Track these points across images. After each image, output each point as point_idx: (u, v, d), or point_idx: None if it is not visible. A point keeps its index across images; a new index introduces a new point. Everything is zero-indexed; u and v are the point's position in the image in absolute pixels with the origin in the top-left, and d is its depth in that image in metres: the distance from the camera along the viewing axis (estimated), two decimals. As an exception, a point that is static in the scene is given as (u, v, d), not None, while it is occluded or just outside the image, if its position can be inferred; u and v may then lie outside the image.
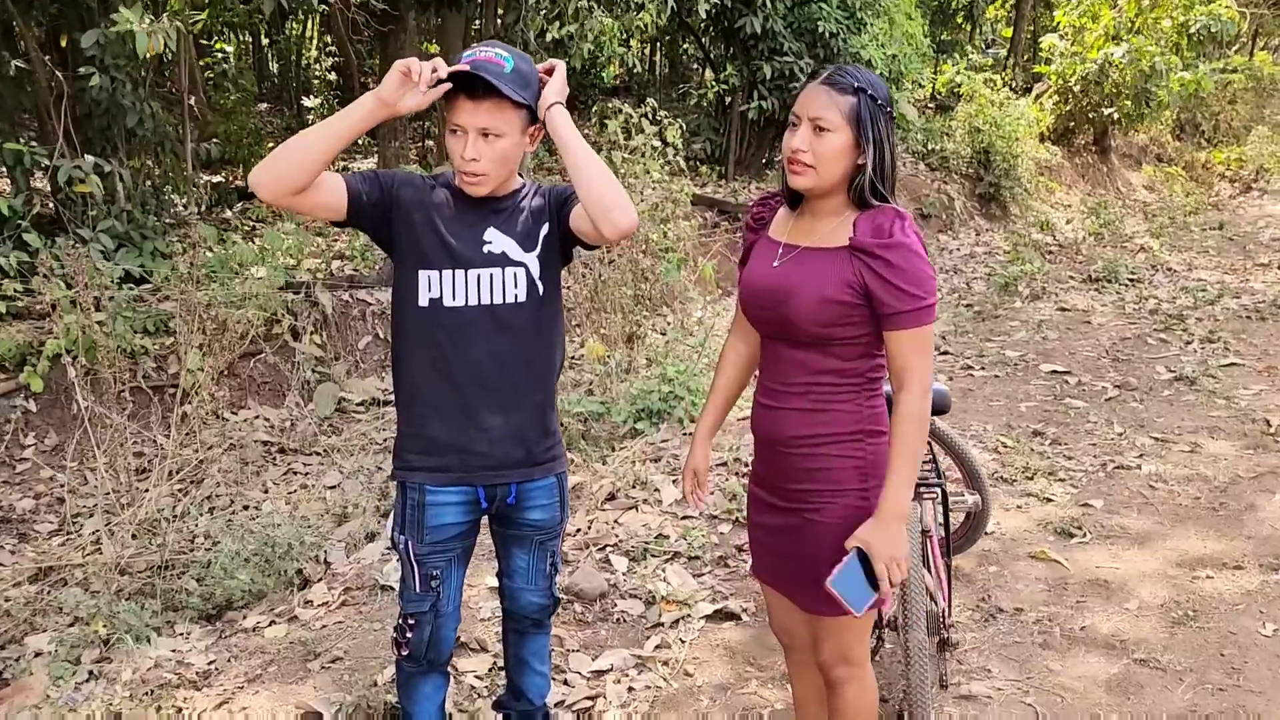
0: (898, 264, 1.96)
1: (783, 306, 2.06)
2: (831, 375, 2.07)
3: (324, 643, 3.28)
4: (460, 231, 2.23)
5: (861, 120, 1.99)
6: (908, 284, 1.96)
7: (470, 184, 2.19)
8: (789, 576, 2.22)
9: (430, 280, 2.21)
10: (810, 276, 2.04)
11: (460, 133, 2.14)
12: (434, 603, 2.37)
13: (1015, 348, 6.98)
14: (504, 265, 2.25)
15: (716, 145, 10.85)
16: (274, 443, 6.02)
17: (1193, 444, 5.05)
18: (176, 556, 4.57)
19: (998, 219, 12.06)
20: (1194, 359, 6.57)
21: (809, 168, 2.02)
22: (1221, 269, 9.62)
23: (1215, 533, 4.08)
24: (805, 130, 2.02)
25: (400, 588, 2.41)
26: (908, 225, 2.00)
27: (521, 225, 2.28)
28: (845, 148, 2.01)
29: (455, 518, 2.33)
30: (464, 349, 2.24)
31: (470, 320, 2.23)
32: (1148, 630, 3.36)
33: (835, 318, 2.01)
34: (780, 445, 2.14)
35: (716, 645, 3.32)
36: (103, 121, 6.53)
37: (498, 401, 2.28)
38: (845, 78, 2.01)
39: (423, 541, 2.31)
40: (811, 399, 2.09)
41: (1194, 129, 18.28)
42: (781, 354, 2.13)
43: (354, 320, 6.94)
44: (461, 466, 2.29)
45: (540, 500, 2.40)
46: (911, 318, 1.97)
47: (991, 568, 3.82)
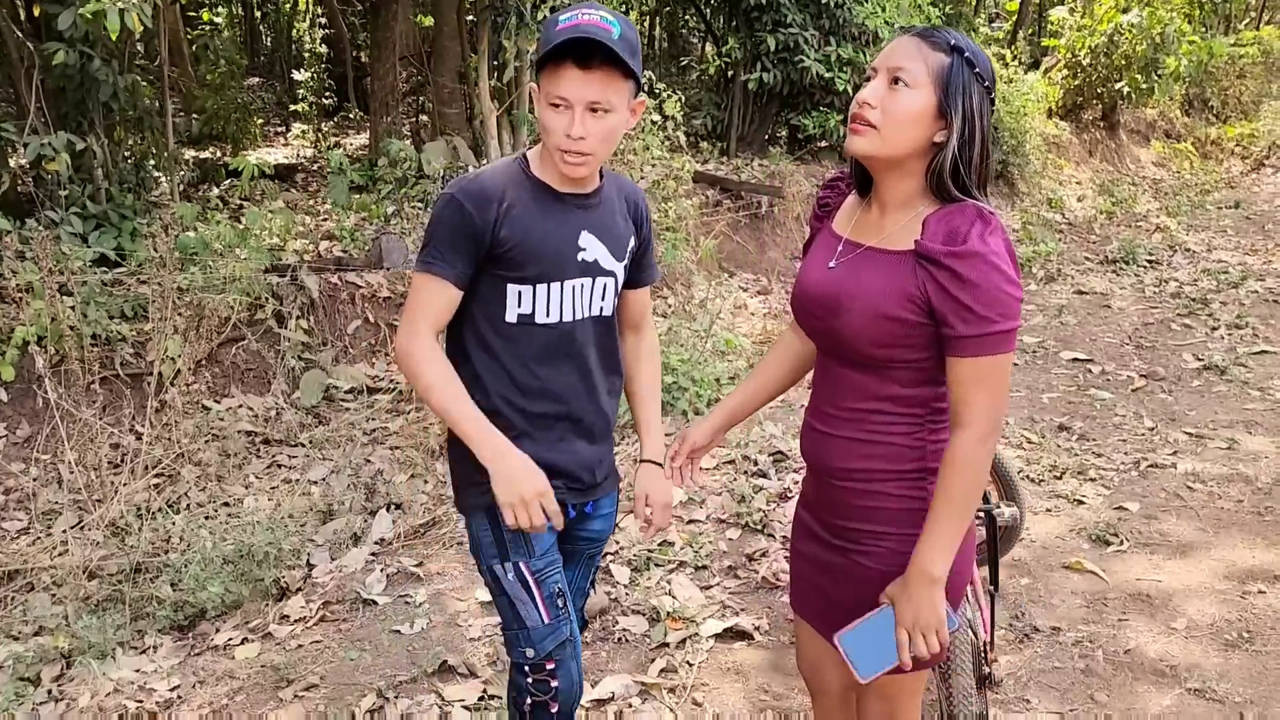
0: (967, 277, 1.58)
1: (833, 319, 1.72)
2: (889, 402, 1.73)
3: (298, 667, 2.99)
4: (553, 233, 1.95)
5: (951, 84, 1.63)
6: (976, 303, 1.58)
7: (573, 165, 1.90)
8: (827, 618, 1.89)
9: (520, 295, 1.95)
10: (867, 286, 1.69)
11: (564, 107, 1.85)
12: (570, 627, 2.04)
13: (1033, 333, 6.69)
14: (595, 275, 2.01)
15: (718, 120, 10.50)
16: (258, 433, 5.73)
17: (1230, 440, 4.76)
18: (150, 559, 4.29)
19: (1006, 196, 11.72)
20: (1222, 346, 6.27)
21: (872, 128, 1.65)
22: (1242, 250, 9.31)
23: (1263, 541, 3.79)
24: (880, 82, 1.66)
25: (516, 638, 2.01)
26: (991, 229, 1.61)
27: (613, 230, 2.04)
28: (923, 113, 1.64)
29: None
30: (554, 371, 1.99)
31: (563, 338, 1.99)
32: (1199, 654, 3.08)
33: (893, 338, 1.67)
34: (828, 475, 1.82)
35: (727, 669, 3.04)
36: (76, 96, 6.20)
37: (585, 426, 2.06)
38: (943, 34, 1.66)
39: (535, 554, 2.00)
40: (866, 428, 1.76)
41: (1203, 104, 17.90)
42: (833, 372, 1.80)
43: (343, 304, 6.63)
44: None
45: (604, 510, 2.19)
46: (976, 344, 1.60)
47: (1024, 580, 3.54)
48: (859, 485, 1.77)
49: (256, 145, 10.84)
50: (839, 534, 1.83)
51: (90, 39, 5.82)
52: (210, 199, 7.74)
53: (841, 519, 1.81)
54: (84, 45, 5.81)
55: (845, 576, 1.82)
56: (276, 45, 14.44)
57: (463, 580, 3.51)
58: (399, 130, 9.72)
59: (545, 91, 1.86)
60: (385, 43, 9.52)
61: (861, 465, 1.76)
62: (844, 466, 1.79)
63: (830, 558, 1.85)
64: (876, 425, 1.75)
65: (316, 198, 8.69)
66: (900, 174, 1.70)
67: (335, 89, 12.56)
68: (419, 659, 3.03)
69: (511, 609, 2.01)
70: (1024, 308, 7.41)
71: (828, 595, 1.88)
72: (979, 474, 1.65)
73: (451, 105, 9.29)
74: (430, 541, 3.90)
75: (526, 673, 2.02)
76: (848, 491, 1.79)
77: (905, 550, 1.73)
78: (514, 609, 2.00)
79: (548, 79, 1.85)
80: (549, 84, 1.85)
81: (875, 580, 1.77)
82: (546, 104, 1.86)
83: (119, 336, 5.44)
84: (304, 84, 12.04)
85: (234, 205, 7.60)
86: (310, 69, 12.24)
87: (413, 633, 3.18)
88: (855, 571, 1.80)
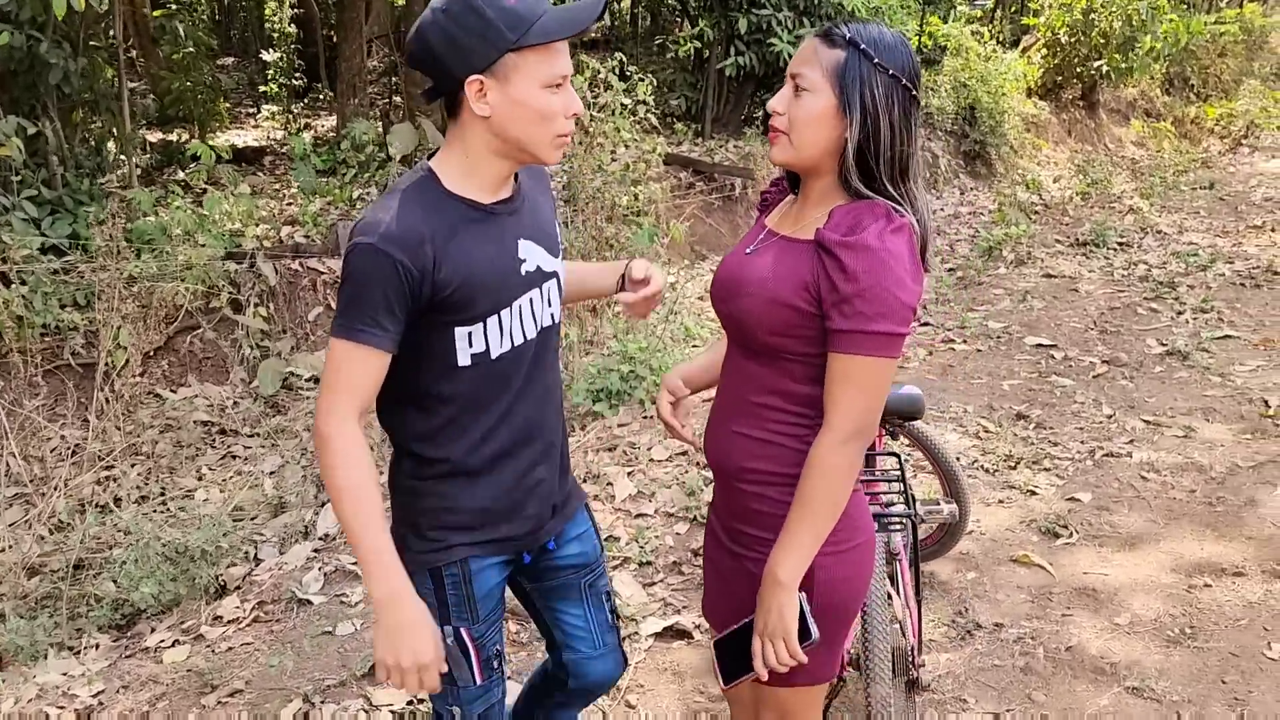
0: (851, 269, 1.52)
1: (734, 301, 1.68)
2: (779, 398, 1.67)
3: (225, 671, 2.94)
4: (493, 257, 1.71)
5: (845, 81, 1.58)
6: (857, 297, 1.52)
7: (565, 145, 1.70)
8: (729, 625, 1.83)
9: (470, 335, 1.71)
10: (769, 271, 1.65)
11: (563, 86, 1.66)
12: (501, 686, 1.91)
13: (999, 318, 6.64)
14: (540, 283, 1.81)
15: (693, 102, 10.40)
16: (214, 423, 5.67)
17: (1186, 428, 4.72)
18: (93, 555, 4.23)
19: (983, 177, 11.68)
20: (1186, 331, 6.24)
21: (780, 134, 1.64)
22: (1213, 231, 9.27)
23: (1213, 532, 3.76)
24: (786, 89, 1.64)
25: (445, 696, 1.86)
26: (895, 228, 1.56)
27: (543, 225, 1.84)
28: (824, 115, 1.60)
29: (499, 576, 1.89)
30: (512, 400, 1.79)
31: (519, 363, 1.79)
32: (1140, 651, 3.05)
33: (786, 325, 1.61)
34: (729, 475, 1.76)
35: (664, 669, 3.00)
36: (27, 79, 6.07)
37: (541, 449, 1.87)
38: (841, 30, 1.61)
39: (478, 620, 1.83)
40: (761, 425, 1.70)
41: (1183, 83, 17.84)
42: (736, 362, 1.75)
43: (303, 290, 6.54)
44: (512, 536, 1.86)
45: (574, 533, 1.98)
46: (851, 340, 1.54)
47: (970, 574, 3.51)
48: (753, 488, 1.72)
49: (225, 127, 10.68)
50: (735, 538, 1.78)
51: (38, 21, 5.70)
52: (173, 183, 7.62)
53: (738, 522, 1.76)
54: (32, 28, 5.69)
55: (739, 580, 1.77)
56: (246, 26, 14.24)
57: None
58: (368, 112, 9.59)
59: (537, 76, 1.62)
60: (352, 23, 9.39)
61: (756, 465, 1.71)
62: (734, 464, 1.73)
63: (728, 563, 1.80)
64: (770, 423, 1.69)
65: (284, 181, 8.58)
66: (817, 173, 1.67)
67: (305, 70, 12.41)
68: (349, 661, 2.98)
69: (449, 667, 1.83)
70: (991, 291, 7.37)
71: (729, 603, 1.83)
72: (838, 478, 1.59)
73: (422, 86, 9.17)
74: (372, 538, 3.84)
75: None
76: (744, 494, 1.73)
77: None
78: (450, 668, 1.82)
79: (540, 60, 1.62)
80: (545, 65, 1.62)
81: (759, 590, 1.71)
82: (541, 88, 1.63)
83: (70, 326, 5.35)
84: (274, 65, 11.87)
85: (198, 189, 7.49)
86: (280, 49, 12.07)
87: (345, 634, 3.13)
88: (745, 580, 1.74)
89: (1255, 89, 17.21)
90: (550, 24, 1.60)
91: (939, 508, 2.88)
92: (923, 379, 5.48)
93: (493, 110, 1.63)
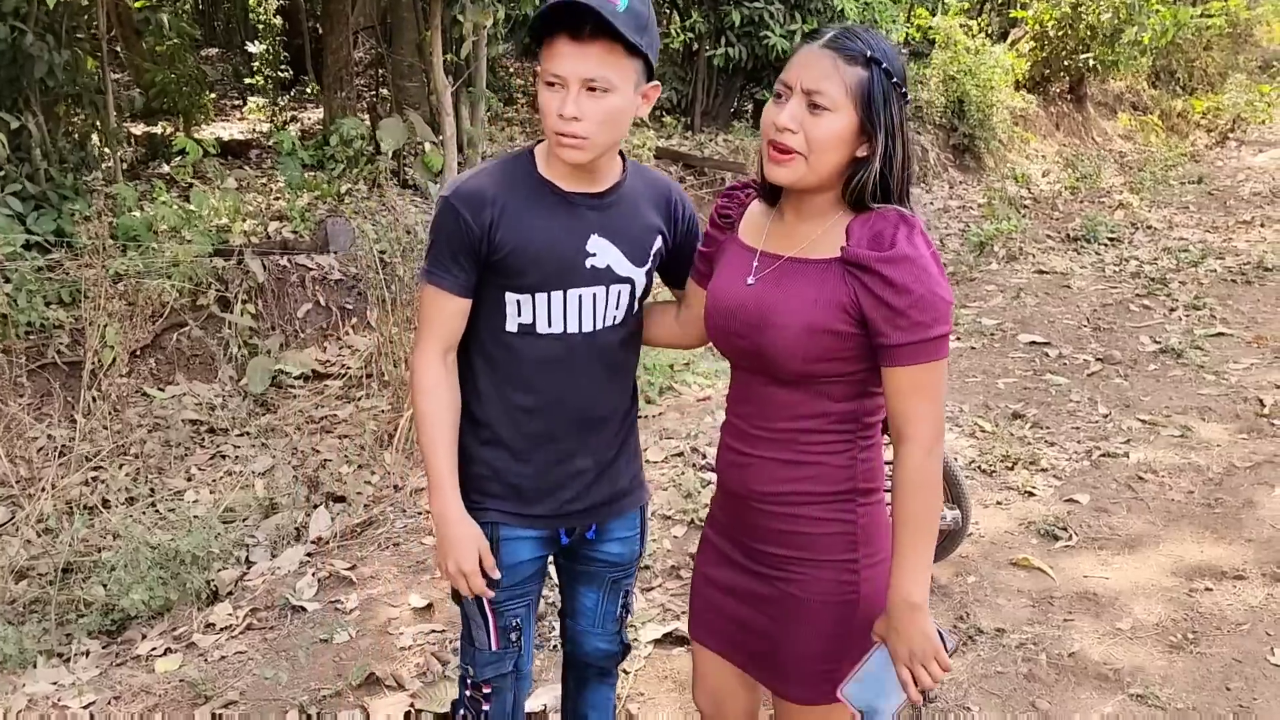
0: (899, 282, 1.51)
1: (760, 336, 1.63)
2: (820, 420, 1.64)
3: (219, 681, 2.89)
4: (557, 239, 1.79)
5: (873, 101, 1.54)
6: (911, 308, 1.51)
7: (568, 148, 1.71)
8: (759, 655, 1.80)
9: (520, 304, 1.80)
10: (794, 299, 1.60)
11: (559, 85, 1.69)
12: (516, 661, 1.98)
13: (992, 315, 6.63)
14: (608, 283, 1.83)
15: (682, 95, 10.34)
16: (203, 422, 5.60)
17: (1183, 428, 4.72)
18: (81, 558, 4.17)
19: (972, 171, 11.66)
20: (1179, 328, 6.24)
21: (797, 155, 1.57)
22: (1203, 227, 9.28)
23: (1212, 534, 3.75)
24: (797, 105, 1.56)
25: (465, 651, 2.00)
26: (916, 234, 1.55)
27: (632, 231, 1.85)
28: (847, 135, 1.56)
29: (533, 553, 1.95)
30: (558, 385, 1.85)
31: (567, 351, 1.84)
32: (1144, 657, 3.04)
33: (826, 351, 1.58)
34: (750, 500, 1.72)
35: (665, 677, 2.97)
36: (10, 73, 5.98)
37: (591, 443, 1.91)
38: (856, 43, 1.56)
39: (500, 587, 1.91)
40: (795, 449, 1.67)
41: (1170, 76, 17.89)
42: (757, 391, 1.69)
43: (292, 287, 6.47)
44: (543, 514, 1.93)
45: (620, 533, 2.04)
46: (914, 352, 1.53)
47: (970, 578, 3.49)
48: (785, 510, 1.69)
49: (210, 119, 10.56)
50: (764, 561, 1.73)
51: (21, 13, 5.61)
52: (158, 177, 7.53)
53: (767, 544, 1.72)
54: (15, 20, 5.59)
55: (772, 607, 1.73)
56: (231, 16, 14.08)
57: (397, 585, 3.42)
58: (355, 105, 9.50)
59: (542, 70, 1.71)
60: (338, 15, 9.28)
61: (790, 488, 1.67)
62: (771, 491, 1.69)
63: (752, 586, 1.76)
64: (807, 445, 1.66)
65: (270, 175, 8.48)
66: (819, 191, 1.63)
67: (291, 62, 12.28)
68: (345, 671, 2.93)
69: (467, 624, 1.98)
70: (984, 287, 7.36)
71: (746, 625, 1.79)
72: (935, 487, 1.60)
73: (411, 79, 9.09)
74: (366, 542, 3.80)
75: (466, 685, 2.01)
76: (773, 516, 1.70)
77: (839, 578, 1.68)
78: (469, 625, 1.97)
79: (544, 55, 1.70)
80: (544, 60, 1.70)
81: (809, 613, 1.70)
82: (543, 83, 1.71)
83: (55, 324, 5.28)
84: (259, 57, 11.74)
85: (183, 184, 7.39)
86: (265, 41, 11.94)
87: (341, 642, 3.09)
88: (785, 603, 1.71)
89: (1241, 82, 17.26)
90: (537, 17, 1.66)
91: (943, 514, 2.85)
92: (917, 377, 5.45)
93: None
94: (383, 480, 4.51)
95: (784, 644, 1.73)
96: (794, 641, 1.72)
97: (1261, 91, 16.29)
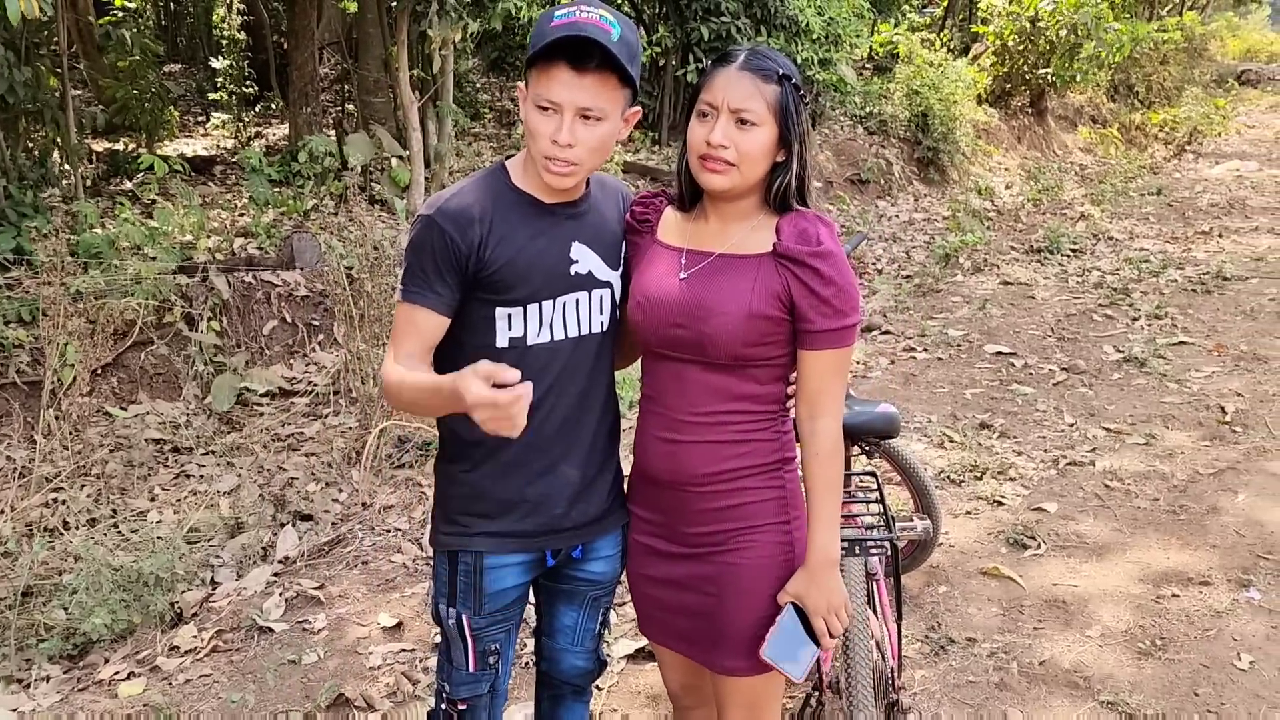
0: (827, 274, 1.72)
1: (703, 325, 1.77)
2: (749, 401, 1.82)
3: (183, 705, 2.84)
4: (544, 250, 1.83)
5: (788, 113, 1.75)
6: (835, 297, 1.72)
7: (558, 175, 1.77)
8: (698, 635, 1.90)
9: (511, 318, 1.82)
10: (731, 289, 1.77)
11: (553, 111, 1.72)
12: (493, 682, 2.00)
13: (958, 326, 6.68)
14: (590, 288, 1.88)
15: (650, 110, 10.39)
16: (167, 441, 5.52)
17: (1148, 435, 4.77)
18: (42, 581, 4.09)
19: (936, 184, 11.78)
20: (1141, 337, 6.31)
21: (731, 166, 1.74)
22: (1163, 238, 9.42)
23: (1178, 541, 3.79)
24: (726, 123, 1.74)
25: (442, 667, 2.01)
26: (833, 232, 1.77)
27: (606, 236, 1.92)
28: (770, 145, 1.76)
29: (517, 579, 1.95)
30: (548, 394, 1.85)
31: (556, 358, 1.86)
32: (1113, 664, 3.06)
33: (762, 336, 1.76)
34: (688, 485, 1.84)
35: (638, 692, 2.95)
36: (-32, 89, 5.89)
37: (578, 452, 1.93)
38: (769, 63, 1.76)
39: (481, 613, 1.92)
40: (730, 430, 1.82)
41: (1128, 90, 18.18)
42: (690, 379, 1.82)
43: (257, 304, 6.41)
44: (532, 531, 1.92)
45: (605, 551, 2.03)
46: (836, 337, 1.74)
47: (941, 588, 3.50)
48: (724, 487, 1.82)
49: (174, 136, 10.46)
50: (702, 542, 1.86)
51: (-21, 30, 5.54)
52: (121, 194, 7.44)
53: (704, 526, 1.85)
54: (-26, 37, 5.52)
55: (713, 584, 1.84)
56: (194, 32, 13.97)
57: (366, 604, 3.38)
58: (321, 121, 9.45)
59: (533, 93, 1.74)
60: (304, 30, 9.24)
61: (728, 466, 1.82)
62: (708, 471, 1.82)
63: (691, 570, 1.88)
64: (739, 425, 1.82)
65: (235, 191, 8.41)
66: (745, 195, 1.81)
67: (256, 78, 12.19)
68: (314, 692, 2.89)
69: (446, 644, 1.99)
70: (949, 299, 7.42)
71: (686, 610, 1.90)
72: (842, 454, 1.80)
73: (377, 94, 9.06)
74: (335, 561, 3.75)
75: (442, 699, 2.01)
76: (710, 495, 1.83)
77: (776, 539, 1.84)
78: (448, 644, 1.98)
79: (537, 79, 1.73)
80: (538, 85, 1.73)
81: (752, 576, 1.83)
82: (534, 106, 1.74)
83: (14, 343, 5.19)
84: (223, 72, 11.65)
85: (146, 200, 7.31)
86: (230, 56, 11.84)
87: (309, 663, 3.05)
88: (727, 574, 1.84)
89: (1197, 95, 17.59)
90: (544, 46, 1.69)
91: (913, 525, 2.86)
92: (886, 389, 5.49)
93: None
94: (351, 498, 4.46)
95: (725, 616, 1.85)
96: (737, 610, 1.84)
97: (1217, 105, 16.60)
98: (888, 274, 8.14)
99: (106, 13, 10.55)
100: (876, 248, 8.89)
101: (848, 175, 10.64)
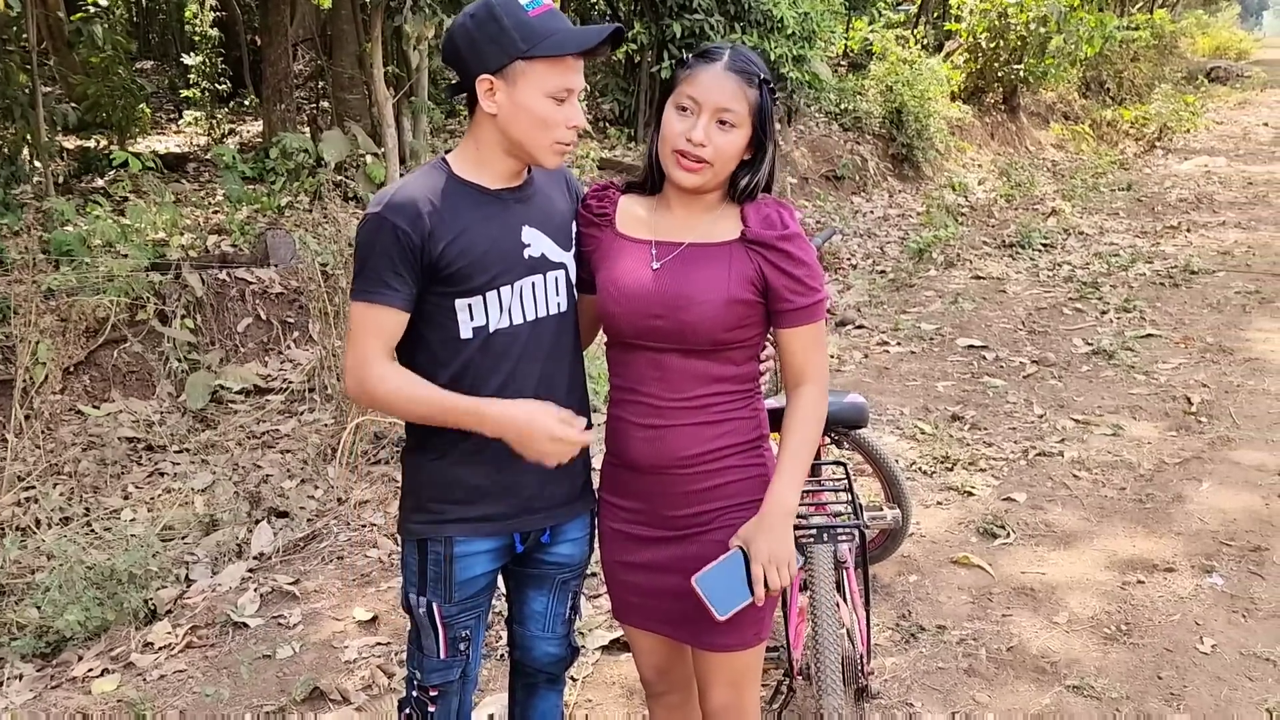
0: (798, 256, 1.83)
1: (683, 313, 1.82)
2: (727, 383, 1.89)
3: (158, 700, 2.85)
4: (495, 236, 1.86)
5: (765, 116, 1.83)
6: (806, 276, 1.83)
7: (563, 153, 1.86)
8: (683, 615, 1.92)
9: (471, 308, 1.85)
10: (708, 277, 1.83)
11: (568, 99, 1.82)
12: (463, 668, 2.03)
13: (931, 320, 6.75)
14: (545, 270, 1.92)
15: (625, 106, 10.40)
16: (140, 439, 5.49)
17: (1115, 426, 4.84)
18: (14, 580, 4.07)
19: (910, 180, 11.86)
20: (1110, 330, 6.40)
21: (705, 164, 1.80)
22: (1132, 232, 9.53)
23: (1143, 529, 3.86)
24: (707, 121, 1.79)
25: (413, 655, 2.03)
26: (795, 215, 1.87)
27: (555, 218, 1.96)
28: (744, 145, 1.83)
29: (486, 566, 1.98)
30: (512, 378, 1.88)
31: (516, 342, 1.89)
32: (1079, 649, 3.11)
33: (740, 319, 1.84)
34: (670, 469, 1.88)
35: (613, 683, 2.98)
36: (-64, 86, 5.85)
37: None
38: (751, 66, 1.82)
39: (452, 601, 1.95)
40: (712, 411, 1.88)
41: (1099, 87, 18.36)
42: (669, 366, 1.86)
43: (232, 301, 6.39)
44: (505, 513, 1.95)
45: (573, 534, 2.07)
46: (811, 312, 1.85)
47: (912, 577, 3.55)
48: (707, 467, 1.87)
49: (146, 133, 10.39)
50: (685, 524, 1.90)
51: (-54, 26, 5.49)
52: (93, 191, 7.39)
53: (687, 508, 1.89)
54: (-60, 33, 5.47)
55: (698, 562, 1.85)
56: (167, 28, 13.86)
57: (341, 598, 3.39)
58: (295, 118, 9.41)
59: (542, 85, 1.78)
60: (277, 27, 9.19)
61: (710, 446, 1.87)
62: (691, 454, 1.87)
63: (673, 552, 1.91)
64: (720, 406, 1.88)
65: (208, 188, 8.36)
66: (714, 188, 1.87)
67: (230, 74, 12.12)
68: (289, 686, 2.90)
69: (417, 632, 2.01)
70: (923, 293, 7.49)
71: (668, 592, 1.92)
72: (824, 419, 1.90)
73: (352, 91, 9.03)
74: (310, 556, 3.76)
75: (413, 687, 2.04)
76: (693, 477, 1.88)
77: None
78: (418, 632, 2.00)
79: (548, 71, 1.78)
80: (553, 76, 1.78)
81: None
82: (544, 97, 1.79)
83: (-17, 342, 5.16)
84: (196, 69, 11.58)
85: (119, 198, 7.26)
86: (202, 53, 11.77)
87: (284, 657, 3.05)
88: (713, 551, 1.85)
89: (1167, 92, 17.77)
90: (563, 39, 1.77)
91: (882, 514, 2.90)
92: (860, 382, 5.54)
93: (499, 109, 1.80)
94: (326, 494, 4.46)
95: None
96: None
97: (1186, 101, 16.78)
98: (862, 269, 8.19)
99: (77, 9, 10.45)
100: (851, 243, 8.95)
101: (823, 171, 10.70)
